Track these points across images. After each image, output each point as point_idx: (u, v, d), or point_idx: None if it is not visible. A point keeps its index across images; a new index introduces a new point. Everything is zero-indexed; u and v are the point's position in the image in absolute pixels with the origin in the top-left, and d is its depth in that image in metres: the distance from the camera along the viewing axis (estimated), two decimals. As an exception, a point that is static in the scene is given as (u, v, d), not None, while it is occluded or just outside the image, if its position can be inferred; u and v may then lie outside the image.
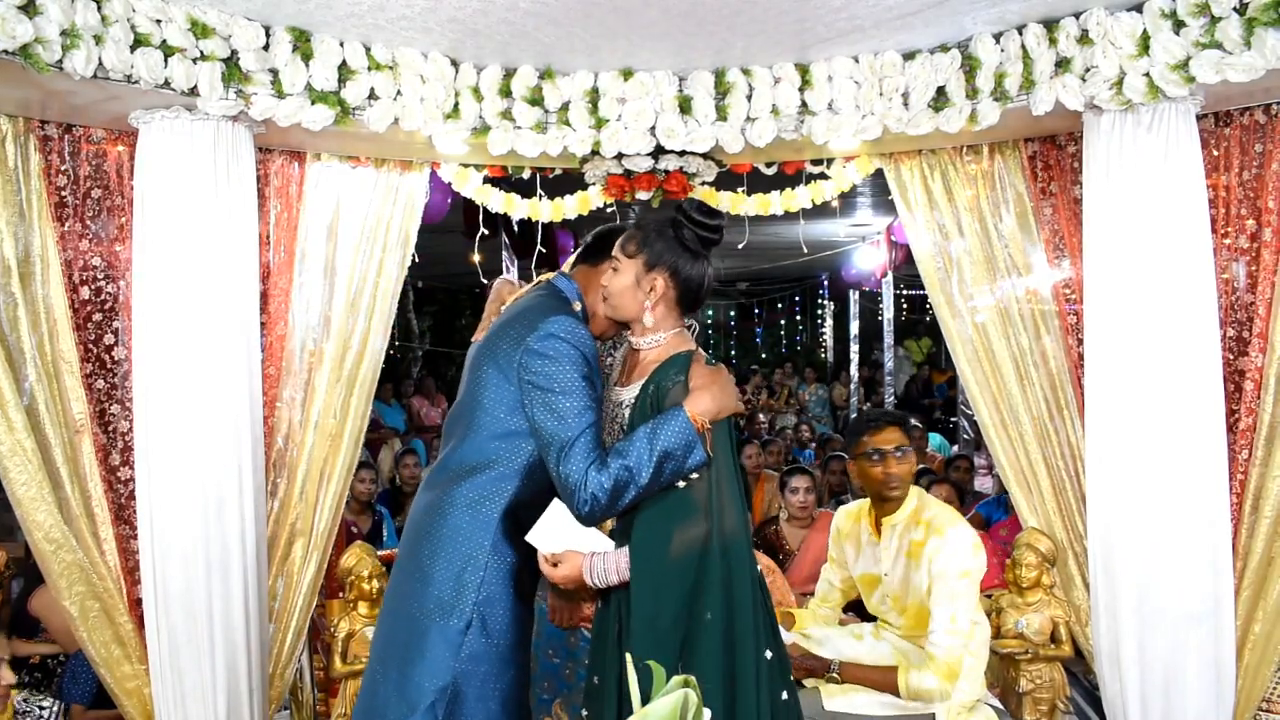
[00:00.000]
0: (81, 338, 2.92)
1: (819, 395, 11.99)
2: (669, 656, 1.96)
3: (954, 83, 2.97)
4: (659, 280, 2.20)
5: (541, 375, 2.14)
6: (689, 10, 2.71)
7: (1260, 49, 2.45)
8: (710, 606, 2.02)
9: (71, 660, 3.53)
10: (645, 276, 2.21)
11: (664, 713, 1.23)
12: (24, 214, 2.82)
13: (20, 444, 2.77)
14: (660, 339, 2.23)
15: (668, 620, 2.00)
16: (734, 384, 2.22)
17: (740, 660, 2.03)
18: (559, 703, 2.75)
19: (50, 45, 2.36)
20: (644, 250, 2.22)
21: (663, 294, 2.21)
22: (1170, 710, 2.80)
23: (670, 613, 2.00)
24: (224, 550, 2.86)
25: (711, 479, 2.07)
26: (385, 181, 3.43)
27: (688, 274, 2.21)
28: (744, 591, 2.06)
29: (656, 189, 3.35)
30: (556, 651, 2.76)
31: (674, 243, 2.22)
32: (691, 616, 2.01)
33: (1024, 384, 3.34)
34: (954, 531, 2.74)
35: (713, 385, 2.13)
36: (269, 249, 3.21)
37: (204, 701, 2.85)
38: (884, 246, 8.06)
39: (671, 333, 2.23)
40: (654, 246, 2.21)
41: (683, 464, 2.07)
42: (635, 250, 2.23)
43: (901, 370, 11.52)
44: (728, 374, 2.21)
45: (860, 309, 10.83)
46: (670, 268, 2.21)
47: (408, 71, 3.00)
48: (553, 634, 2.75)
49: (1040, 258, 3.32)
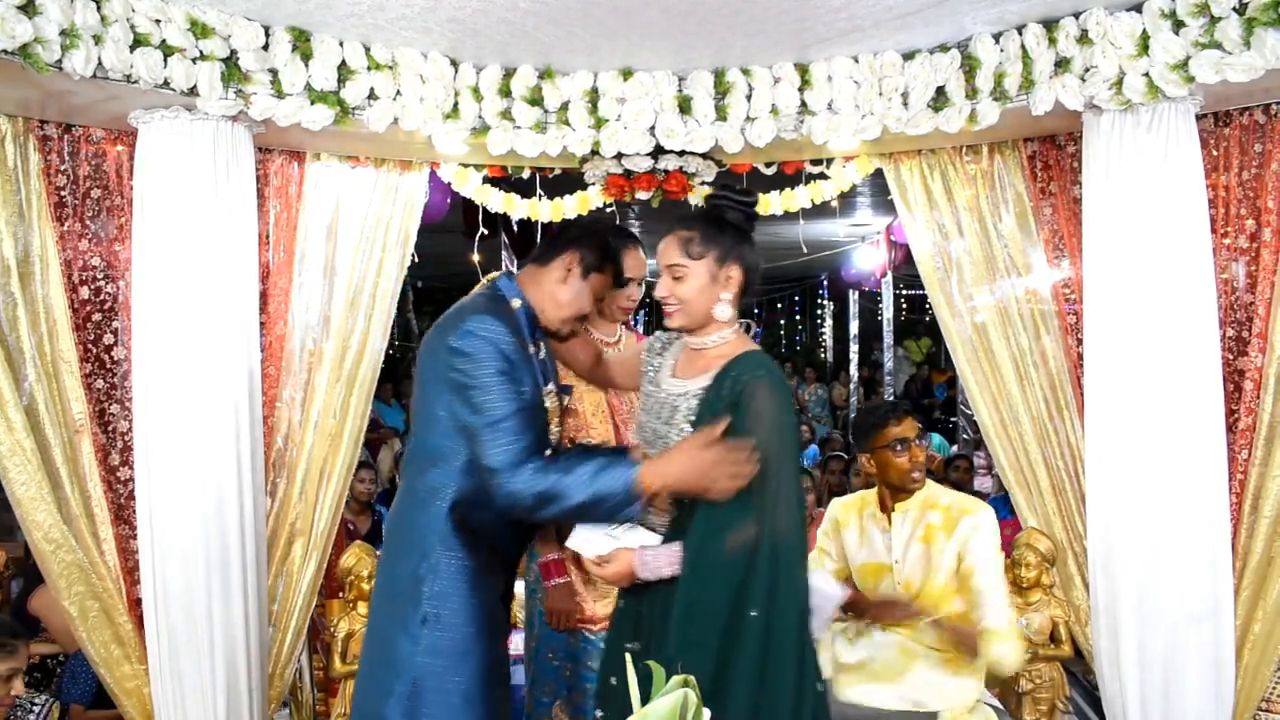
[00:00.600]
0: (81, 338, 2.92)
1: (818, 395, 11.99)
2: (709, 645, 1.96)
3: (953, 83, 2.97)
4: (734, 272, 2.14)
5: (461, 373, 2.19)
6: (689, 10, 2.71)
7: (1260, 49, 2.45)
8: (754, 604, 1.99)
9: (71, 660, 3.53)
10: (720, 271, 2.13)
11: (664, 713, 1.23)
12: (23, 214, 2.82)
13: (20, 444, 2.77)
14: (728, 335, 2.17)
15: (711, 610, 1.99)
16: (732, 462, 2.00)
17: (778, 657, 2.00)
18: (559, 705, 2.74)
19: (50, 45, 2.36)
20: (712, 246, 2.14)
21: (738, 286, 2.16)
22: (1170, 710, 2.80)
23: (715, 604, 1.99)
24: (223, 550, 2.86)
25: (771, 487, 2.02)
26: (385, 181, 3.43)
27: (751, 259, 2.17)
28: (790, 596, 2.02)
29: (656, 189, 3.35)
30: (556, 654, 2.74)
31: (733, 230, 2.16)
32: (734, 612, 1.99)
33: (1024, 384, 3.34)
34: (984, 512, 2.76)
35: (698, 460, 2.01)
36: (268, 249, 3.21)
37: (203, 701, 2.85)
38: (883, 246, 8.07)
39: (733, 328, 2.20)
40: (720, 240, 2.14)
41: (620, 510, 2.11)
42: (701, 249, 2.13)
43: (901, 370, 11.52)
44: (734, 452, 2.00)
45: (860, 309, 10.84)
46: (739, 257, 2.15)
47: (407, 71, 3.00)
48: (551, 636, 2.74)
49: (1040, 258, 3.32)
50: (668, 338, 2.33)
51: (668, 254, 2.16)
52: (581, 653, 2.72)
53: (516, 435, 2.16)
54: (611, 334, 2.94)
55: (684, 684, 1.27)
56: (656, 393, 2.23)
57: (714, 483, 2.01)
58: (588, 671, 2.70)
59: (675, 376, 2.22)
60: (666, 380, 2.23)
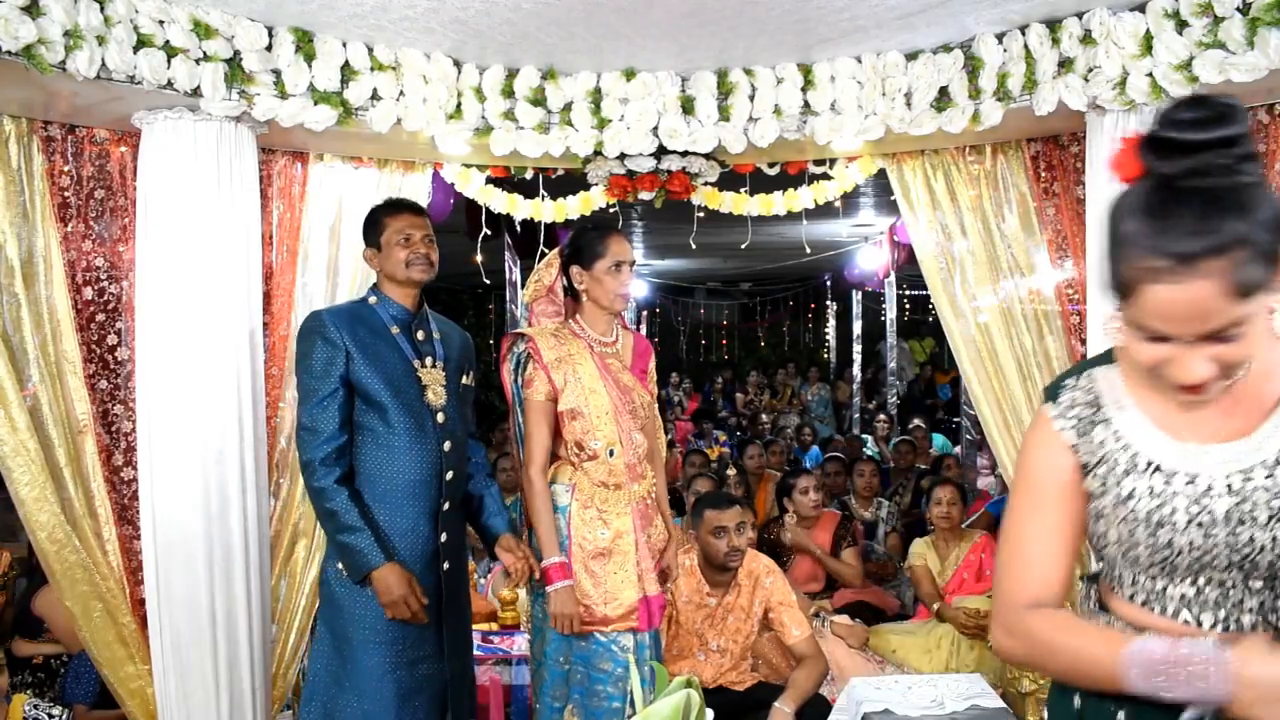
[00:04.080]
0: (84, 338, 2.92)
1: (821, 395, 11.98)
2: None
3: (957, 83, 2.97)
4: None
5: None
6: (691, 11, 2.71)
7: (1263, 49, 2.44)
8: None
9: (74, 660, 3.53)
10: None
11: (666, 713, 1.23)
12: (27, 215, 2.82)
13: (23, 444, 2.77)
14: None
15: None
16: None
17: None
18: (570, 709, 2.71)
19: (53, 46, 2.36)
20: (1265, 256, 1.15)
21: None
22: (1173, 711, 2.79)
23: None
24: (227, 550, 2.86)
25: None
26: (388, 182, 3.43)
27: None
28: None
29: (659, 189, 3.35)
30: (567, 658, 2.71)
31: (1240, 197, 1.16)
32: None
33: (1027, 384, 3.33)
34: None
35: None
36: (272, 249, 3.21)
37: (207, 702, 2.85)
38: (886, 247, 8.05)
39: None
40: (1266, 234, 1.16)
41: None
42: (1262, 271, 1.15)
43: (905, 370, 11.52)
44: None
45: (863, 309, 10.82)
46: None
47: (410, 72, 3.01)
48: (560, 640, 2.71)
49: (1043, 258, 3.31)
50: (1080, 386, 1.39)
51: (1209, 312, 1.15)
52: (594, 655, 2.68)
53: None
54: (608, 334, 2.86)
55: (687, 684, 1.27)
56: (1195, 490, 1.27)
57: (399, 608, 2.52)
58: (599, 674, 2.67)
59: (1215, 441, 1.28)
60: (1199, 456, 1.28)
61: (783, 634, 3.30)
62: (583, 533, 2.73)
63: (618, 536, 2.74)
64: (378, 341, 2.59)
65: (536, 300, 2.94)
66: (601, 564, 2.72)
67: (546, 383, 2.74)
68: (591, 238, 2.81)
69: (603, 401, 2.75)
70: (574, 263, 2.82)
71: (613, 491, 2.76)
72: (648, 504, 2.83)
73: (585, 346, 2.79)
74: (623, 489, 2.76)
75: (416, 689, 2.55)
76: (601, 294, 2.79)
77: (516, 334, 2.90)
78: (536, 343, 2.77)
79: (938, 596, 4.08)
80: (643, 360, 2.94)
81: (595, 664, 2.69)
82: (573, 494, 2.75)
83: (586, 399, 2.74)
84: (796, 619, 3.29)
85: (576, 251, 2.82)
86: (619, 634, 2.70)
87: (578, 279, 2.81)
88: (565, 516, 2.73)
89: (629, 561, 2.73)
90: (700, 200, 3.57)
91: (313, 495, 2.56)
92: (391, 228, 2.66)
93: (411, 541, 2.57)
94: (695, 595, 3.30)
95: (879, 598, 4.59)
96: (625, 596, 2.71)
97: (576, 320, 2.85)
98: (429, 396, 2.61)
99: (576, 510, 2.74)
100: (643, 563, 2.74)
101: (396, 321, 2.64)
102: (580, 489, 2.75)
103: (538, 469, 2.75)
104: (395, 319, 2.64)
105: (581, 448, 2.75)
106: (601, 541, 2.73)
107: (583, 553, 2.72)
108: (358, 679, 2.52)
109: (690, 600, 3.30)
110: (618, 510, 2.75)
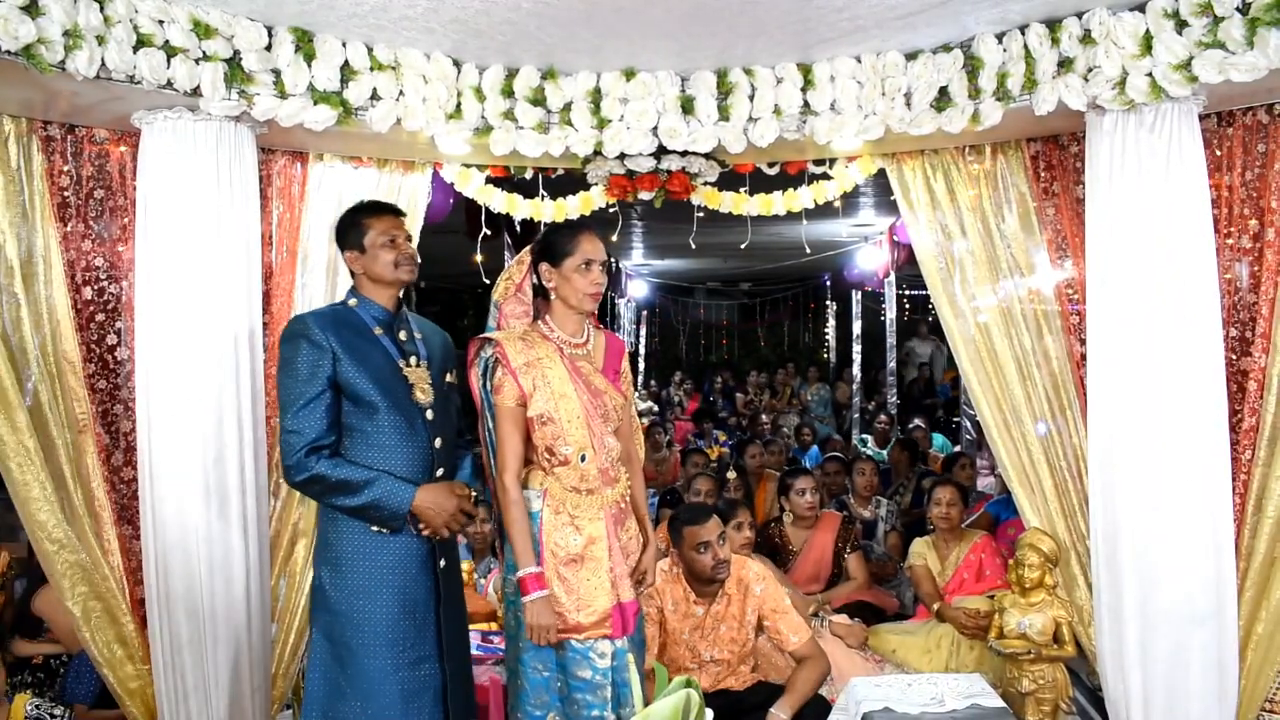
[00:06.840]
0: (84, 338, 2.92)
1: (821, 395, 11.97)
2: None
3: (956, 83, 2.97)
4: None
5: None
6: (691, 11, 2.71)
7: (1263, 49, 2.44)
8: None
9: (74, 660, 3.52)
10: None
11: (666, 713, 1.23)
12: (27, 215, 2.82)
13: (23, 444, 2.77)
14: None
15: None
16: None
17: None
18: (553, 715, 2.69)
19: (53, 46, 2.37)
20: None
21: None
22: (1173, 711, 2.80)
23: None
24: (226, 550, 2.86)
25: None
26: (388, 182, 3.43)
27: None
28: None
29: (659, 189, 3.35)
30: (545, 666, 2.68)
31: None
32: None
33: (1026, 384, 3.33)
34: None
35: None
36: (271, 249, 3.21)
37: (206, 701, 2.86)
38: (886, 246, 8.04)
39: None
40: None
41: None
42: None
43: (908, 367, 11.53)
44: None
45: (863, 309, 10.82)
46: None
47: (410, 72, 3.01)
48: (537, 649, 2.67)
49: (1043, 258, 3.31)
50: None
51: None
52: (570, 662, 2.65)
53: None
54: (578, 334, 2.77)
55: (686, 684, 1.27)
56: None
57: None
58: (577, 682, 2.62)
59: None
60: None
61: (781, 642, 3.27)
62: (555, 539, 2.66)
63: (590, 543, 2.67)
64: (362, 342, 2.57)
65: (506, 300, 2.84)
66: (574, 571, 2.66)
67: (515, 388, 2.66)
68: (562, 235, 2.72)
69: (573, 406, 2.67)
70: (543, 260, 2.73)
71: (585, 497, 2.68)
72: (621, 508, 2.77)
73: (555, 349, 2.70)
74: (595, 494, 2.70)
75: (419, 690, 2.55)
76: (570, 293, 2.69)
77: (484, 338, 2.76)
78: (504, 347, 2.67)
79: (938, 596, 4.08)
80: (615, 360, 2.85)
81: (573, 672, 2.64)
82: (544, 500, 2.68)
83: (557, 404, 2.66)
84: (793, 625, 3.25)
85: (546, 248, 2.73)
86: (595, 641, 2.65)
87: (547, 277, 2.71)
88: (537, 523, 2.67)
89: (602, 568, 2.67)
90: (700, 200, 3.57)
91: (309, 487, 2.51)
92: (375, 229, 2.63)
93: (406, 540, 2.57)
94: (681, 603, 3.26)
95: (879, 597, 4.58)
96: (599, 603, 2.65)
97: (545, 321, 2.76)
98: (417, 395, 2.60)
99: (548, 516, 2.67)
100: (616, 569, 2.68)
101: (378, 322, 2.63)
102: (552, 495, 2.68)
103: (511, 476, 2.67)
104: (377, 320, 2.63)
105: (552, 453, 2.68)
106: (574, 548, 2.66)
107: (555, 559, 2.65)
108: (361, 683, 2.51)
109: (677, 609, 3.26)
110: (590, 516, 2.69)
